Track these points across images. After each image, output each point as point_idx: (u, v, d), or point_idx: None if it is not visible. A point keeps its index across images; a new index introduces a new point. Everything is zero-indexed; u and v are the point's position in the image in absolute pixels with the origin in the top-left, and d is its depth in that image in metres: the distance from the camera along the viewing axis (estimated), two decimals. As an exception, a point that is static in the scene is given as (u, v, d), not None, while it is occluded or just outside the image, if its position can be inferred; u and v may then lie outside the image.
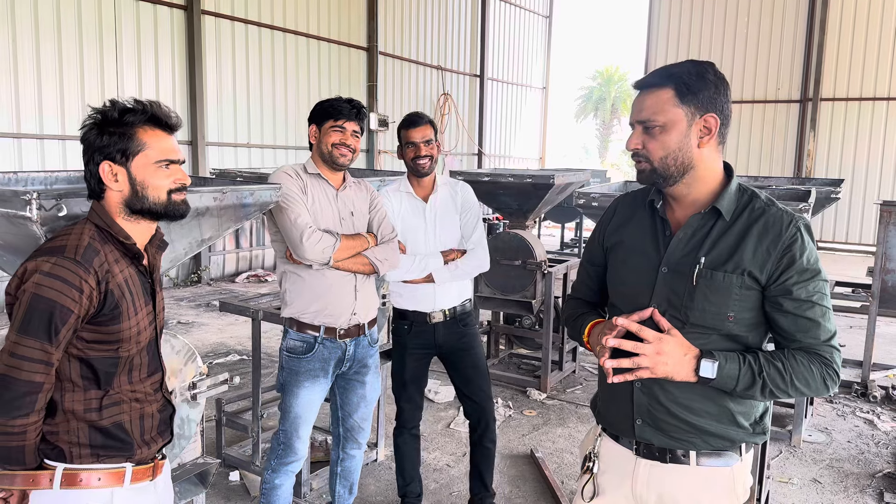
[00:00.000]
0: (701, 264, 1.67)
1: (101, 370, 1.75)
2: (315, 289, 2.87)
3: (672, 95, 1.65)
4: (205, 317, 8.16)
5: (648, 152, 1.68)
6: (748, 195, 1.72)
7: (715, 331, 1.68)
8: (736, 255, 1.65)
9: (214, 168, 5.52)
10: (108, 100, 1.78)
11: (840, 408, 5.44)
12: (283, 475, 3.03)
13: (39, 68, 8.50)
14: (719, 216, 1.69)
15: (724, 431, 1.73)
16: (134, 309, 1.77)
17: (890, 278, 5.53)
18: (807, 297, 1.64)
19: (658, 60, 17.62)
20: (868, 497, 4.03)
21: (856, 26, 15.12)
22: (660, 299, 1.71)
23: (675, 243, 1.73)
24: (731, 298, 1.65)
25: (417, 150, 3.23)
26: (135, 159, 1.74)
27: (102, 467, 1.77)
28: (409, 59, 14.95)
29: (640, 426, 1.77)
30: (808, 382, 1.64)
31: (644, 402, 1.75)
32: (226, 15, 10.74)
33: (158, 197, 1.77)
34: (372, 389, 3.13)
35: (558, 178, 5.63)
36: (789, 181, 7.01)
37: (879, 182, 15.07)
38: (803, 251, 1.64)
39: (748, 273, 1.64)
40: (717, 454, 1.75)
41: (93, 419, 1.75)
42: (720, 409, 1.71)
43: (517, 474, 4.24)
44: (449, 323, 3.38)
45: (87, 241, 1.71)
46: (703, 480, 1.76)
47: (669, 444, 1.75)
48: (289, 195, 2.80)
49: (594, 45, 66.85)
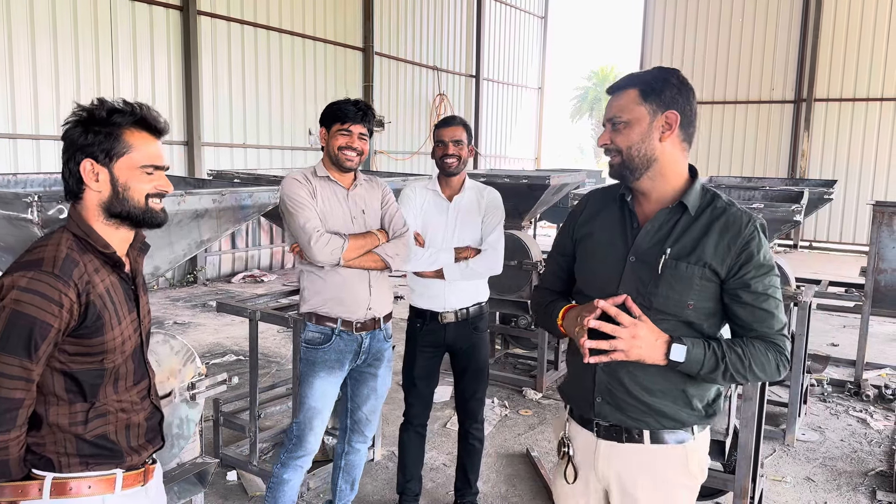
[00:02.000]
0: (667, 255, 1.80)
1: (87, 383, 1.72)
2: (331, 285, 2.95)
3: (636, 95, 1.81)
4: (201, 317, 8.16)
5: (616, 145, 1.83)
6: (711, 195, 1.87)
7: (675, 317, 1.81)
8: (698, 248, 1.79)
9: (212, 169, 5.52)
10: (96, 98, 1.73)
11: (833, 407, 5.49)
12: (292, 470, 3.07)
13: (35, 69, 8.49)
14: (685, 211, 1.83)
15: (676, 413, 1.86)
16: (117, 319, 1.73)
17: (883, 278, 5.58)
18: (763, 290, 1.78)
19: (653, 61, 17.66)
20: (860, 495, 4.07)
21: (849, 27, 15.20)
22: (627, 286, 1.83)
23: (642, 235, 1.86)
24: (693, 288, 1.79)
25: (445, 149, 3.31)
26: (119, 161, 1.69)
27: (93, 475, 1.75)
28: (404, 60, 14.96)
29: (599, 403, 1.89)
30: (764, 368, 1.79)
31: (605, 380, 1.87)
32: (221, 15, 10.74)
33: (138, 201, 1.72)
34: (383, 383, 3.20)
35: (554, 178, 5.66)
36: (783, 182, 7.06)
37: (873, 182, 15.15)
38: (760, 248, 1.79)
39: (709, 266, 1.78)
40: (669, 432, 1.87)
41: (78, 432, 1.72)
42: (676, 391, 1.85)
43: (513, 473, 4.27)
44: (460, 324, 3.42)
45: (65, 252, 1.66)
46: (657, 458, 1.88)
47: (626, 422, 1.87)
48: (298, 200, 2.86)
49: (589, 45, 67.09)
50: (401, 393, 3.64)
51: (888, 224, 5.53)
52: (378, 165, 14.03)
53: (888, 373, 6.36)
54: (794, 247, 15.68)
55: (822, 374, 6.02)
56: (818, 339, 7.37)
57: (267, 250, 11.46)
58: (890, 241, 5.52)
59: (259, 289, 9.85)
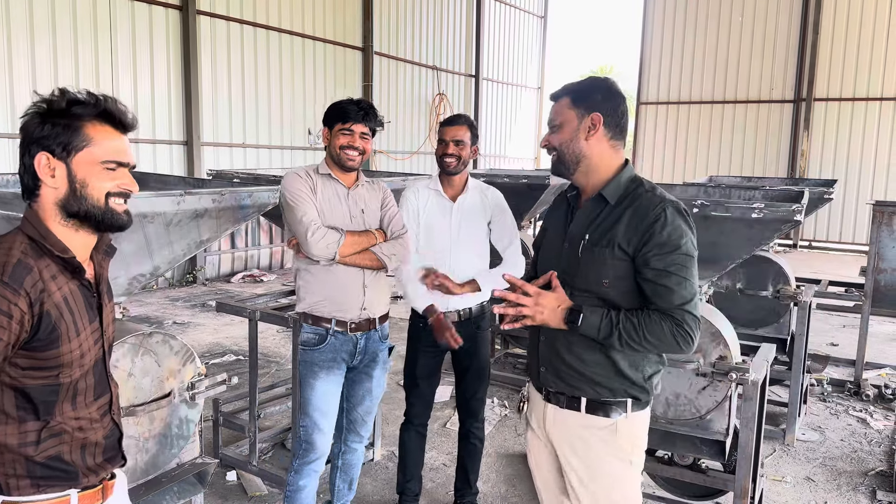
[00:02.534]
0: (585, 240, 2.08)
1: (39, 399, 1.57)
2: (324, 284, 2.95)
3: (568, 101, 2.09)
4: (200, 317, 8.16)
5: (552, 144, 2.13)
6: (636, 184, 2.10)
7: (594, 294, 2.06)
8: (610, 232, 2.03)
9: (211, 169, 5.51)
10: (57, 88, 1.59)
11: (833, 406, 5.49)
12: (307, 476, 3.06)
13: (34, 68, 8.48)
14: (604, 201, 2.08)
15: (608, 382, 2.09)
16: (75, 330, 1.58)
17: (882, 278, 5.58)
18: (663, 268, 1.97)
19: (652, 60, 17.68)
20: (861, 495, 4.07)
21: (849, 27, 15.20)
22: (560, 268, 2.12)
23: (573, 224, 2.15)
24: (606, 267, 2.03)
25: (445, 148, 3.30)
26: (77, 155, 1.55)
27: (44, 498, 1.61)
28: (404, 59, 14.95)
29: (543, 373, 2.18)
30: (659, 338, 1.97)
31: (546, 352, 2.15)
32: (221, 15, 10.73)
33: (98, 199, 1.58)
34: (377, 384, 3.18)
35: (553, 178, 5.65)
36: (783, 181, 7.06)
37: (872, 182, 15.15)
38: (664, 228, 1.97)
39: (618, 245, 2.01)
40: (601, 406, 2.10)
41: (29, 453, 1.57)
42: (607, 360, 2.07)
43: (513, 473, 4.27)
44: (463, 323, 3.40)
45: (16, 257, 1.51)
46: (588, 427, 2.12)
47: (565, 389, 2.13)
48: (297, 194, 2.86)
49: (589, 45, 67.01)
50: (401, 392, 3.64)
51: (888, 224, 5.53)
52: (377, 165, 14.03)
53: (888, 372, 6.36)
54: (794, 246, 15.68)
55: (821, 373, 6.02)
56: (817, 339, 7.37)
57: (266, 250, 11.45)
58: (890, 241, 5.52)
59: (258, 288, 9.85)
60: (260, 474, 4.00)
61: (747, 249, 3.22)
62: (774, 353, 3.52)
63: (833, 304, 6.66)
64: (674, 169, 17.34)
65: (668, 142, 17.59)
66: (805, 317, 4.72)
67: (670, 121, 17.54)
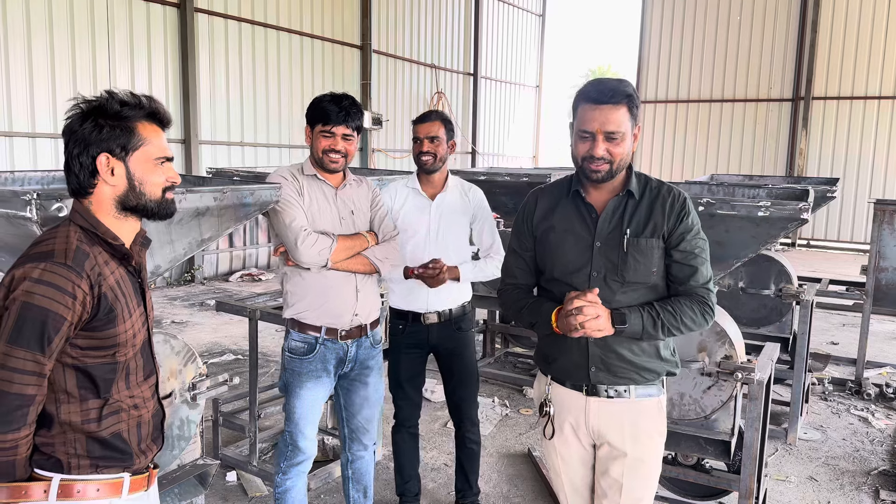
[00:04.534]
0: (627, 234, 2.14)
1: (100, 378, 1.69)
2: (316, 290, 2.84)
3: (626, 110, 2.08)
4: (199, 316, 8.13)
5: (612, 156, 2.10)
6: (643, 178, 2.23)
7: (643, 284, 2.16)
8: (650, 223, 2.15)
9: (211, 167, 5.48)
10: (104, 90, 1.71)
11: (835, 405, 5.47)
12: (294, 476, 2.99)
13: (31, 66, 8.43)
14: (630, 196, 2.18)
15: (654, 365, 2.22)
16: (129, 311, 1.72)
17: (883, 277, 5.57)
18: (691, 250, 2.15)
19: (651, 59, 17.67)
20: (864, 494, 4.05)
21: (847, 25, 15.20)
22: (598, 267, 2.17)
23: (601, 222, 2.18)
24: (654, 257, 2.14)
25: (420, 146, 3.24)
26: (134, 154, 1.69)
27: (101, 478, 1.71)
28: (402, 58, 14.92)
29: (594, 373, 2.21)
30: (693, 319, 2.14)
31: (598, 352, 2.19)
32: (219, 13, 10.68)
33: (154, 194, 1.73)
34: (375, 391, 3.08)
35: (554, 176, 5.63)
36: (784, 180, 7.04)
37: (870, 180, 15.16)
38: (689, 214, 2.17)
39: (660, 234, 2.14)
40: (647, 387, 2.24)
41: (92, 430, 1.69)
42: (651, 347, 2.21)
43: (515, 473, 4.25)
44: (443, 325, 3.36)
45: (75, 244, 1.64)
46: (639, 411, 2.24)
47: (616, 381, 2.21)
48: (284, 198, 2.75)
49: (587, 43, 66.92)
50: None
51: (889, 222, 5.51)
52: (376, 164, 13.99)
53: (889, 371, 6.35)
54: (792, 245, 15.69)
55: (822, 372, 6.01)
56: (817, 338, 7.36)
57: (265, 249, 11.42)
58: (891, 240, 5.51)
59: (257, 287, 9.81)
60: (260, 474, 3.97)
61: (753, 248, 3.20)
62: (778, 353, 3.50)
63: (833, 303, 6.65)
64: (672, 167, 17.34)
65: (667, 140, 17.58)
66: (807, 315, 4.70)
67: (668, 119, 17.53)
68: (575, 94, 2.16)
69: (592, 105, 2.08)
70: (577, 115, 2.14)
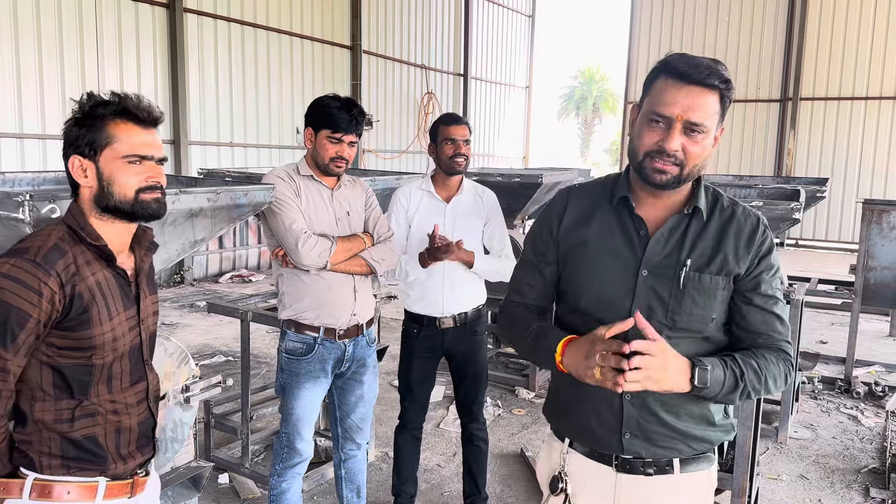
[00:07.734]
0: (687, 266, 1.61)
1: (74, 378, 1.66)
2: (314, 291, 2.84)
3: (716, 101, 1.58)
4: (189, 318, 8.08)
5: (686, 156, 1.56)
6: (713, 193, 1.70)
7: (698, 334, 1.63)
8: (719, 255, 1.62)
9: (202, 168, 5.46)
10: (85, 92, 1.69)
11: (824, 404, 5.51)
12: (290, 478, 2.98)
13: (19, 66, 8.37)
14: (694, 215, 1.65)
15: (703, 433, 1.70)
16: (108, 314, 1.67)
17: (872, 276, 5.61)
18: (772, 293, 1.65)
19: (640, 60, 17.73)
20: (854, 492, 4.08)
21: (834, 26, 15.32)
22: (641, 304, 1.61)
23: (653, 244, 1.63)
24: (717, 300, 1.62)
25: (457, 148, 3.21)
26: (102, 153, 1.64)
27: (73, 480, 1.67)
28: (392, 58, 14.91)
29: (628, 440, 1.67)
30: (776, 380, 1.63)
31: (634, 413, 1.66)
32: (208, 13, 10.64)
33: (124, 195, 1.65)
34: (370, 389, 3.09)
35: (546, 177, 5.64)
36: (773, 180, 7.09)
37: (858, 180, 15.28)
38: (772, 249, 1.66)
39: (731, 274, 1.62)
40: (697, 459, 1.72)
41: (64, 430, 1.66)
42: (701, 410, 1.68)
43: (508, 473, 4.25)
44: (459, 329, 3.34)
45: (53, 242, 1.61)
46: (686, 487, 1.72)
47: (656, 453, 1.68)
48: (282, 199, 2.75)
49: (576, 44, 67.13)
50: (394, 393, 3.60)
51: (877, 221, 5.56)
52: (366, 164, 13.98)
53: (877, 370, 6.40)
54: (781, 245, 15.79)
55: (812, 371, 6.05)
56: (806, 337, 7.41)
57: (255, 250, 11.37)
58: (879, 239, 5.55)
59: (247, 289, 9.77)
60: (252, 476, 3.95)
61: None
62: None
63: (822, 303, 6.70)
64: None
65: (656, 141, 17.62)
66: (797, 315, 4.73)
67: (658, 120, 17.58)
68: (653, 68, 1.62)
69: (677, 82, 1.54)
70: (652, 93, 1.58)
